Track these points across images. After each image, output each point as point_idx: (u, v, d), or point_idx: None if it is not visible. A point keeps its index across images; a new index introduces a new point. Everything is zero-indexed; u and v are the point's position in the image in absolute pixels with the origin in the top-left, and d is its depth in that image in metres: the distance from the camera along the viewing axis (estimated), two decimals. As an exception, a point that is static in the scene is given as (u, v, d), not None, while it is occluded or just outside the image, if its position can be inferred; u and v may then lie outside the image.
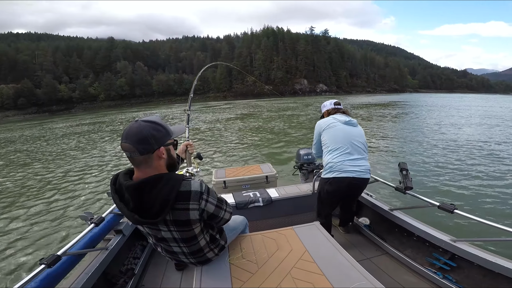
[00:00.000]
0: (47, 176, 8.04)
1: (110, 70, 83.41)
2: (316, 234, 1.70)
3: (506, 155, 8.15)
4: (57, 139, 16.50)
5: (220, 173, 3.42)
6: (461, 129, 13.64)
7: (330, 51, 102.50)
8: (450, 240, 1.77)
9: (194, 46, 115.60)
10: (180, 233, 1.21)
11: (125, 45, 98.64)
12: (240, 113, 27.20)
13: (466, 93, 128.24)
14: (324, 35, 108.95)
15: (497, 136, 11.34)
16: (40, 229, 4.66)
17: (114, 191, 1.11)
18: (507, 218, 4.23)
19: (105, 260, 1.74)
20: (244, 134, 13.91)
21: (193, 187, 1.14)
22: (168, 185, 1.08)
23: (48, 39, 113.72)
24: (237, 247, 1.58)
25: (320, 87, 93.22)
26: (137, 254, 2.15)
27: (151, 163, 1.09)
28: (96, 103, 76.89)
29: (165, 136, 1.13)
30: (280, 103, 42.34)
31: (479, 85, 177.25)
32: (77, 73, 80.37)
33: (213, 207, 1.24)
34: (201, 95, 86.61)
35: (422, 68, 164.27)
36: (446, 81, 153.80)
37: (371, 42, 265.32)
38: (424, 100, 46.84)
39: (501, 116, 20.15)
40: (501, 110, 26.37)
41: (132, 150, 1.04)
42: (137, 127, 1.05)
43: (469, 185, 5.71)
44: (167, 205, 1.07)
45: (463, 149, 8.99)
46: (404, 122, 17.12)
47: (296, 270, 1.37)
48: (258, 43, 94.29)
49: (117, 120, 28.34)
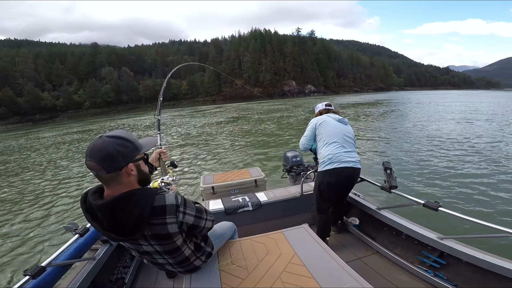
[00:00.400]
0: (33, 187, 7.88)
1: (95, 77, 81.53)
2: (305, 237, 1.70)
3: (488, 150, 8.20)
4: (46, 149, 16.04)
5: (208, 179, 3.38)
6: (444, 125, 13.77)
7: (317, 52, 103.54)
8: (438, 238, 1.79)
9: (181, 50, 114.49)
10: (162, 246, 1.17)
11: (110, 50, 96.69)
12: (230, 117, 26.99)
13: (449, 89, 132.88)
14: (311, 36, 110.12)
15: (478, 131, 11.48)
16: (24, 240, 4.56)
17: (85, 210, 1.06)
18: (493, 214, 4.28)
19: (93, 270, 1.74)
20: (234, 137, 13.77)
21: (167, 200, 1.10)
22: (141, 201, 1.04)
23: (29, 45, 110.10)
24: (226, 253, 1.58)
25: (309, 88, 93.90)
26: (126, 263, 2.12)
27: (120, 180, 1.04)
28: (81, 110, 74.99)
29: (133, 152, 1.07)
30: (269, 105, 42.43)
31: (461, 81, 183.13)
32: (60, 80, 78.07)
33: (192, 218, 1.20)
34: (190, 99, 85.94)
35: (406, 66, 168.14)
36: (430, 79, 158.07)
37: (357, 42, 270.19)
38: (409, 98, 47.82)
39: (482, 111, 20.61)
40: (481, 105, 27.09)
41: (98, 169, 0.98)
42: (101, 144, 0.99)
43: (453, 181, 5.71)
44: (142, 222, 1.03)
45: (447, 145, 9.05)
46: (389, 120, 17.26)
47: (286, 274, 1.37)
48: (246, 46, 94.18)
49: (106, 127, 27.77)
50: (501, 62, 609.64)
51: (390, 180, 2.10)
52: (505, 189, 5.17)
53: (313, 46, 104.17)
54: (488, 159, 7.18)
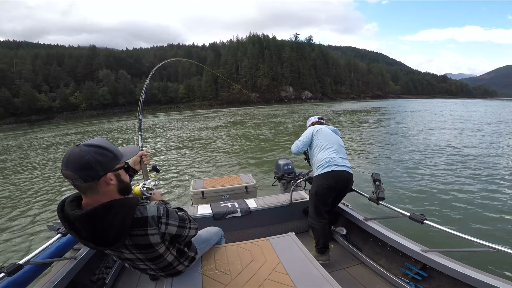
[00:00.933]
0: (28, 185, 8.00)
1: (92, 79, 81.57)
2: (291, 245, 1.72)
3: (477, 163, 8.14)
4: (44, 149, 16.17)
5: (198, 183, 3.36)
6: (435, 135, 13.72)
7: (315, 58, 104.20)
8: (421, 250, 1.81)
9: (179, 54, 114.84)
10: (143, 254, 1.15)
11: (108, 53, 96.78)
12: (226, 121, 27.10)
13: (447, 98, 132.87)
14: (309, 41, 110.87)
15: (471, 143, 11.42)
16: (5, 239, 4.60)
17: (63, 219, 1.02)
18: (478, 228, 4.31)
19: (73, 269, 1.74)
20: (230, 142, 13.83)
21: (149, 212, 1.07)
22: (121, 213, 1.00)
23: (27, 47, 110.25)
24: (211, 258, 1.58)
25: (306, 94, 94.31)
26: (109, 264, 2.12)
27: (98, 190, 1.01)
28: (77, 112, 74.75)
29: (112, 161, 1.04)
30: (266, 111, 42.56)
31: (459, 90, 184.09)
32: (57, 82, 77.99)
33: (175, 228, 1.18)
34: (187, 103, 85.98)
35: (404, 73, 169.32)
36: (427, 87, 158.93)
37: (355, 48, 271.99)
38: (405, 106, 47.79)
39: (475, 121, 20.39)
40: (475, 115, 26.64)
41: (75, 178, 0.95)
42: (78, 153, 0.95)
43: (441, 194, 5.74)
44: (123, 234, 1.00)
45: (436, 156, 9.04)
46: (382, 129, 17.30)
47: (268, 281, 1.37)
48: (244, 51, 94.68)
49: (104, 129, 27.74)
50: (499, 70, 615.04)
51: (378, 192, 2.13)
52: (491, 203, 5.19)
53: (311, 52, 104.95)
54: (476, 172, 7.16)
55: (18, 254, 4.08)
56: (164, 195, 6.16)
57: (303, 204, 2.74)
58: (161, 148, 13.23)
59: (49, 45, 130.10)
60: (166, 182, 7.23)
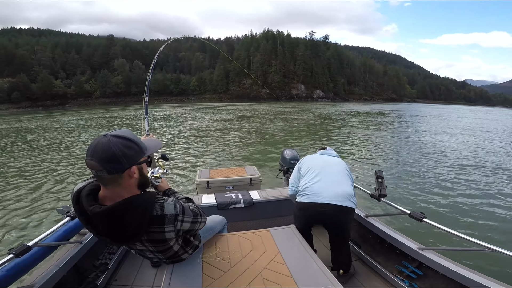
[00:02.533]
0: (43, 165, 8.34)
1: (108, 68, 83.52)
2: (291, 237, 1.75)
3: (481, 168, 8.30)
4: (63, 131, 16.86)
5: (204, 173, 3.43)
6: (444, 141, 13.65)
7: (329, 57, 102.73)
8: (418, 249, 1.83)
9: (194, 46, 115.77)
10: (155, 247, 1.19)
11: (125, 43, 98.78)
12: (239, 115, 27.38)
13: (464, 104, 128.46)
14: (324, 40, 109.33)
15: (478, 150, 11.38)
16: (17, 219, 4.73)
17: (78, 213, 1.02)
18: (475, 228, 4.41)
19: (78, 254, 1.78)
20: (240, 135, 14.02)
21: (167, 210, 1.07)
22: (140, 211, 1.00)
23: (49, 35, 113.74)
24: (212, 246, 1.61)
25: (317, 93, 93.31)
26: (113, 250, 2.17)
27: (120, 182, 1.00)
28: (90, 99, 76.77)
29: (138, 154, 1.03)
30: (278, 107, 42.79)
31: (477, 97, 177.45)
32: (74, 69, 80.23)
33: (188, 224, 1.22)
34: (198, 95, 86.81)
35: (421, 77, 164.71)
36: (444, 92, 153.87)
37: (372, 50, 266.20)
38: (416, 111, 46.53)
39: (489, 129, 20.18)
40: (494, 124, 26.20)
41: (99, 169, 0.93)
42: (106, 143, 0.93)
43: (444, 194, 5.89)
44: (140, 231, 1.02)
45: (443, 160, 9.15)
46: (390, 131, 17.31)
47: (267, 271, 1.41)
48: (257, 46, 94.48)
49: (124, 116, 28.57)
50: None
51: (380, 189, 2.10)
52: (490, 205, 5.37)
53: (325, 51, 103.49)
54: (479, 176, 7.36)
55: (27, 236, 4.14)
56: (170, 182, 6.27)
57: None
58: (175, 137, 13.51)
59: (70, 33, 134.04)
60: (174, 169, 7.47)
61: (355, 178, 2.31)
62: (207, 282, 1.32)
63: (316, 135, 14.62)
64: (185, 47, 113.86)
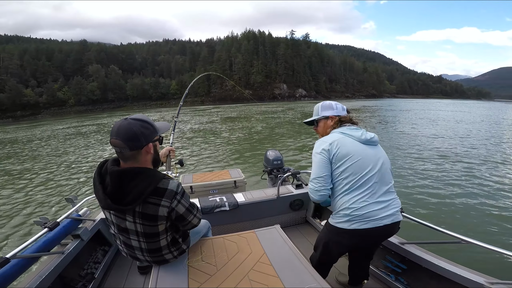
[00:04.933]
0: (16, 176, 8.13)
1: (82, 74, 79.65)
2: (276, 237, 1.77)
3: (454, 160, 8.40)
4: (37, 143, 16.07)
5: (187, 178, 3.38)
6: (419, 135, 13.64)
7: (310, 56, 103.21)
8: (399, 243, 1.89)
9: (174, 49, 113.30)
10: (143, 226, 1.22)
11: (100, 48, 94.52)
12: (222, 117, 27.04)
13: (441, 98, 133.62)
14: (305, 39, 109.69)
15: (452, 142, 11.60)
16: None
17: (98, 173, 1.17)
18: (453, 221, 4.45)
19: (61, 264, 1.77)
20: (222, 138, 13.80)
21: (170, 186, 1.19)
22: (149, 179, 1.14)
23: (18, 41, 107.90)
24: (197, 250, 1.61)
25: (299, 92, 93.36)
26: (98, 259, 2.14)
27: (139, 158, 1.17)
28: (65, 108, 72.86)
29: (153, 133, 1.21)
30: (264, 108, 43.36)
31: (453, 90, 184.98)
32: (45, 77, 75.90)
33: (183, 209, 1.28)
34: (178, 99, 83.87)
35: (400, 73, 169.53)
36: (422, 87, 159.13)
37: (352, 47, 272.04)
38: (397, 105, 47.80)
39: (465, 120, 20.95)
40: (467, 115, 27.02)
41: (123, 146, 1.11)
42: (127, 125, 1.12)
43: (420, 188, 5.90)
44: (141, 197, 1.12)
45: (417, 153, 9.23)
46: (374, 127, 17.49)
47: (253, 272, 1.42)
48: (238, 47, 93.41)
49: (108, 124, 26.90)
50: (493, 72, 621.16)
51: None
52: (463, 196, 5.43)
53: (306, 50, 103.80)
54: (452, 169, 7.44)
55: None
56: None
57: (290, 198, 2.76)
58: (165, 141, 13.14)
59: (40, 39, 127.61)
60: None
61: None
62: (193, 285, 1.34)
63: (308, 134, 14.34)
64: (165, 50, 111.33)
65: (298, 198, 2.77)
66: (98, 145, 13.54)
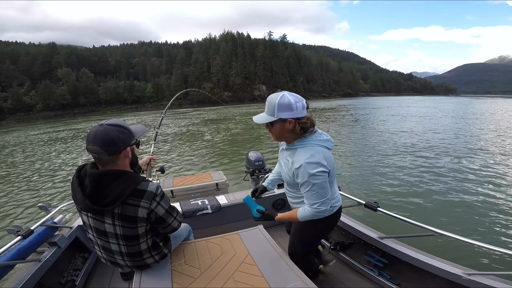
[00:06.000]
0: None
1: (50, 78, 75.52)
2: (259, 238, 1.78)
3: (424, 153, 8.79)
4: None
5: (167, 182, 3.35)
6: (394, 132, 14.10)
7: (288, 56, 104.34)
8: (378, 238, 1.92)
9: (149, 51, 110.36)
10: (123, 228, 1.21)
11: (70, 51, 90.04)
12: (203, 120, 26.54)
13: (413, 95, 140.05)
14: (282, 40, 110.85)
15: (425, 137, 12.02)
16: None
17: (77, 176, 1.19)
18: (429, 214, 4.53)
19: (39, 272, 1.74)
20: (204, 140, 13.64)
21: (149, 187, 1.21)
22: (128, 181, 1.16)
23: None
24: (180, 253, 1.60)
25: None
26: (78, 266, 2.11)
27: (118, 162, 1.19)
28: (32, 113, 68.76)
29: (129, 137, 1.22)
30: (245, 109, 43.20)
31: (423, 87, 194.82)
32: (10, 81, 71.19)
33: (163, 210, 1.27)
34: (155, 103, 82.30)
35: (373, 72, 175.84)
36: (394, 85, 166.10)
37: (328, 48, 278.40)
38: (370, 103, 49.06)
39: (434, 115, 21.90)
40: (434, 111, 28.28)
41: (100, 152, 1.11)
42: (104, 130, 1.12)
43: (393, 182, 6.07)
44: (120, 198, 1.13)
45: (394, 150, 9.44)
46: (349, 125, 17.96)
47: (238, 273, 1.42)
48: (217, 49, 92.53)
49: (82, 129, 24.94)
50: (458, 69, 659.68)
51: None
52: (434, 189, 5.59)
53: (284, 51, 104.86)
54: (423, 161, 7.73)
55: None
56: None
57: (272, 198, 2.77)
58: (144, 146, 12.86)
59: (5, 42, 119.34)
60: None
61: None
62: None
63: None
64: (140, 52, 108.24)
65: (280, 198, 2.78)
66: (77, 150, 13.05)
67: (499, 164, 7.29)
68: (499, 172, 6.57)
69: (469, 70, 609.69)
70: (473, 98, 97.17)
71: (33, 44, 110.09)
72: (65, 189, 6.79)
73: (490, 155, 8.39)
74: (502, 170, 6.73)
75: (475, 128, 14.73)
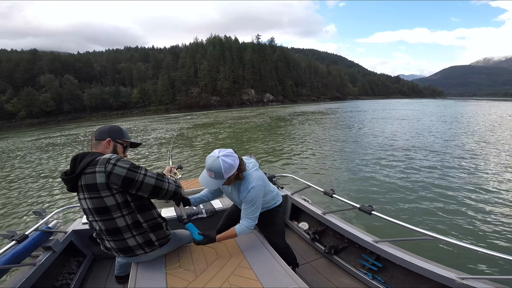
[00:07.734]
0: None
1: (33, 85, 73.61)
2: (255, 241, 1.80)
3: (413, 156, 8.87)
4: None
5: None
6: (384, 135, 14.10)
7: (276, 60, 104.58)
8: (373, 241, 1.94)
9: (135, 56, 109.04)
10: (91, 200, 1.31)
11: (53, 57, 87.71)
12: (194, 124, 26.62)
13: (400, 98, 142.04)
14: (270, 43, 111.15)
15: (415, 141, 12.04)
16: None
17: (73, 159, 1.36)
18: (423, 218, 4.46)
19: (33, 275, 1.77)
20: (196, 145, 13.59)
21: (104, 156, 1.32)
22: (91, 157, 1.31)
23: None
24: (174, 257, 1.61)
25: (267, 97, 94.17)
26: (72, 270, 2.14)
27: (99, 147, 1.43)
28: (15, 121, 66.74)
29: (118, 133, 1.49)
30: (236, 113, 43.46)
31: (410, 90, 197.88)
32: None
33: (124, 170, 1.29)
34: (141, 108, 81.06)
35: (361, 75, 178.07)
36: (382, 88, 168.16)
37: (316, 51, 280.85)
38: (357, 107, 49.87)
39: None
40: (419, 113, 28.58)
41: (93, 135, 1.45)
42: (104, 126, 1.49)
43: (393, 188, 6.00)
44: (79, 167, 1.28)
45: (386, 154, 9.42)
46: (339, 129, 17.83)
47: (233, 277, 1.44)
48: (204, 53, 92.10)
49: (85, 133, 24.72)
50: (445, 71, 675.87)
51: None
52: (425, 193, 5.55)
53: (272, 54, 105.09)
54: (412, 164, 7.78)
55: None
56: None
57: None
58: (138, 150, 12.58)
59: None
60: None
61: (308, 176, 2.99)
62: None
63: (279, 137, 14.61)
64: (126, 57, 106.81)
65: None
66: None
67: (494, 168, 7.22)
68: (493, 177, 6.49)
69: (455, 73, 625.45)
70: (460, 101, 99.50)
71: (15, 51, 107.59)
72: (60, 195, 6.73)
73: (485, 160, 8.23)
74: (496, 174, 6.65)
75: (469, 131, 14.76)
